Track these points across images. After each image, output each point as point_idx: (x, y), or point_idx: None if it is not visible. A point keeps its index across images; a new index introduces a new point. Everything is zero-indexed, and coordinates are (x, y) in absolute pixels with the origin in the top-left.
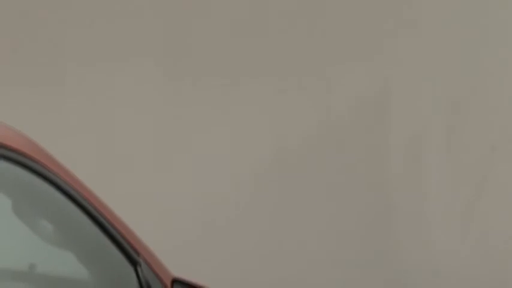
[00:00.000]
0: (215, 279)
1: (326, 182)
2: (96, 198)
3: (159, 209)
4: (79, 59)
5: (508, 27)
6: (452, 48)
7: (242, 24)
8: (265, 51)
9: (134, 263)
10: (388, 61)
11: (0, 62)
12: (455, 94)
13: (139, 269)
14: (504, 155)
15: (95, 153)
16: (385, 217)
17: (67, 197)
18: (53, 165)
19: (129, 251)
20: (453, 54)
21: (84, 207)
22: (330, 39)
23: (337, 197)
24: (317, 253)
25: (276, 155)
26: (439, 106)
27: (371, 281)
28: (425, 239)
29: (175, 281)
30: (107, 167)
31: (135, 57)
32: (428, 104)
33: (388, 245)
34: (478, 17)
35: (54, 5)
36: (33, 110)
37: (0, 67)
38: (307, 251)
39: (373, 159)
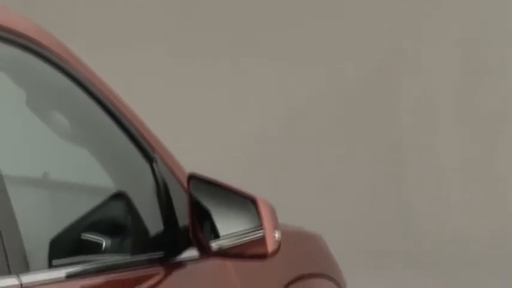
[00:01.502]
0: None
1: (339, 141)
2: (113, 92)
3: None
4: (88, 43)
5: None
6: (464, 12)
7: None
8: (276, 19)
9: (150, 159)
10: (399, 23)
11: None
12: (466, 56)
13: (155, 166)
14: None
15: None
16: (397, 175)
17: (84, 90)
18: (66, 54)
19: (145, 147)
20: (465, 19)
21: (100, 101)
22: (341, 1)
23: (349, 155)
24: (330, 213)
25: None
26: (450, 67)
27: (383, 239)
28: (436, 195)
29: (191, 177)
30: None
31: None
32: (440, 65)
33: (400, 202)
34: None
35: None
36: None
37: None
38: (320, 209)
39: (385, 119)
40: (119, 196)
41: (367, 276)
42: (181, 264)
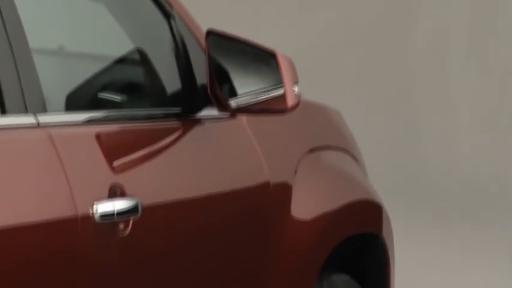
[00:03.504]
0: None
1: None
2: None
3: None
4: None
5: None
6: None
7: None
8: None
9: (168, 16)
10: None
11: None
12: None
13: (172, 22)
14: None
15: None
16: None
17: None
18: None
19: (162, 3)
20: None
21: None
22: None
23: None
24: None
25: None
26: (463, 7)
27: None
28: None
29: (209, 33)
30: None
31: None
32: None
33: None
34: None
35: None
36: None
37: None
38: None
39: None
40: (137, 53)
41: None
42: (198, 122)
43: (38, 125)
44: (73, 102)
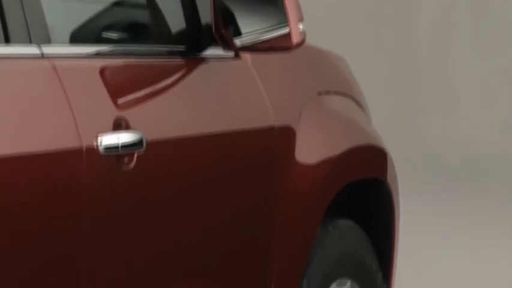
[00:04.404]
0: None
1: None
2: None
3: None
4: None
5: None
6: None
7: None
8: None
9: None
10: None
11: None
12: None
13: None
14: None
15: None
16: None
17: None
18: None
19: None
20: None
21: None
22: None
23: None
24: None
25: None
26: None
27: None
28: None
29: None
30: None
31: None
32: None
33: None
34: None
35: None
36: None
37: None
38: None
39: (402, 35)
40: None
41: None
42: (203, 60)
43: (42, 56)
44: (77, 39)
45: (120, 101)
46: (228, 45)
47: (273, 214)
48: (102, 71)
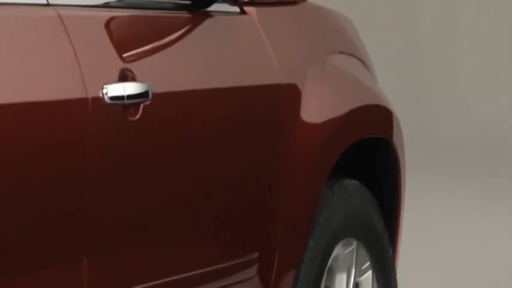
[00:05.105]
0: None
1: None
2: None
3: None
4: None
5: None
6: None
7: None
8: None
9: None
10: None
11: None
12: None
13: None
14: None
15: None
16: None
17: None
18: None
19: None
20: None
21: None
22: None
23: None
24: None
25: None
26: None
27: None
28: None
29: None
30: None
31: None
32: None
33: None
34: None
35: None
36: None
37: None
38: None
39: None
40: None
41: None
42: (209, 15)
43: (48, 4)
44: None
45: (126, 52)
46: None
47: (278, 172)
48: (108, 22)
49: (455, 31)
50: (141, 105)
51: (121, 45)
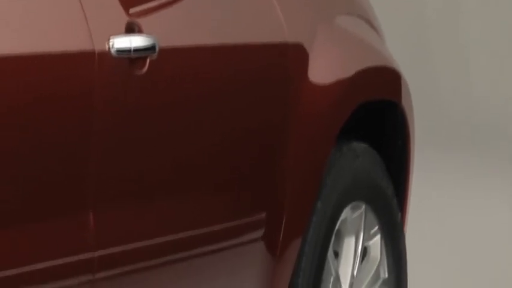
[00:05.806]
0: None
1: None
2: None
3: None
4: None
5: None
6: None
7: None
8: None
9: None
10: None
11: None
12: None
13: None
14: None
15: None
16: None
17: None
18: None
19: None
20: None
21: None
22: None
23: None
24: None
25: None
26: None
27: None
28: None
29: None
30: None
31: None
32: None
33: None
34: None
35: None
36: None
37: None
38: None
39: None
40: None
41: None
42: None
43: None
44: None
45: (133, 6)
46: None
47: (285, 133)
48: None
49: (460, 14)
50: (148, 59)
51: None
